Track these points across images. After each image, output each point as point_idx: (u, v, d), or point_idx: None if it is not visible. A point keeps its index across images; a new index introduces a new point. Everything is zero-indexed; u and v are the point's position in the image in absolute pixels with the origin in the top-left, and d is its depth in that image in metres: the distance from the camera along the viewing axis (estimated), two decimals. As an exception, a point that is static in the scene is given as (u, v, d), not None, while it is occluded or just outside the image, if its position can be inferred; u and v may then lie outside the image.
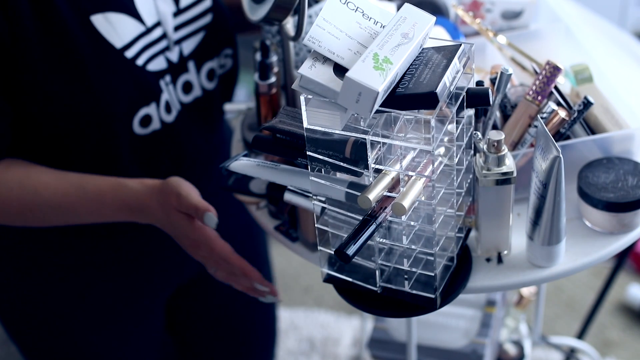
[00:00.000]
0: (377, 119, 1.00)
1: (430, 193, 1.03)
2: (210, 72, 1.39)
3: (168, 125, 1.33)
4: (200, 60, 1.37)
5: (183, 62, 1.35)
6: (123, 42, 1.25)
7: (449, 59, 1.00)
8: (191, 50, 1.35)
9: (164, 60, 1.32)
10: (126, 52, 1.26)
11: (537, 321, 1.73)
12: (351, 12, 1.01)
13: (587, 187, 1.18)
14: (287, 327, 2.34)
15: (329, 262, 1.14)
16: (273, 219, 1.31)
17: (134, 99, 1.28)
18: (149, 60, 1.29)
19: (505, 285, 1.16)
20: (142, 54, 1.28)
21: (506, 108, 1.25)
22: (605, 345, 2.21)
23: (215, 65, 1.40)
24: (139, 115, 1.29)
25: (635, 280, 2.37)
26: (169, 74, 1.33)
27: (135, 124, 1.29)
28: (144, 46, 1.28)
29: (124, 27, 1.25)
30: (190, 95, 1.37)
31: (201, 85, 1.38)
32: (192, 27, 1.35)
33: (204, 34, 1.36)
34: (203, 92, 1.39)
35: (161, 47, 1.31)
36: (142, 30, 1.28)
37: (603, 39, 1.52)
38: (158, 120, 1.32)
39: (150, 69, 1.30)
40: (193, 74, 1.37)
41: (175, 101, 1.35)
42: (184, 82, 1.36)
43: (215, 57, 1.39)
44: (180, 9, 1.32)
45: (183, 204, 1.18)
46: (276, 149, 1.10)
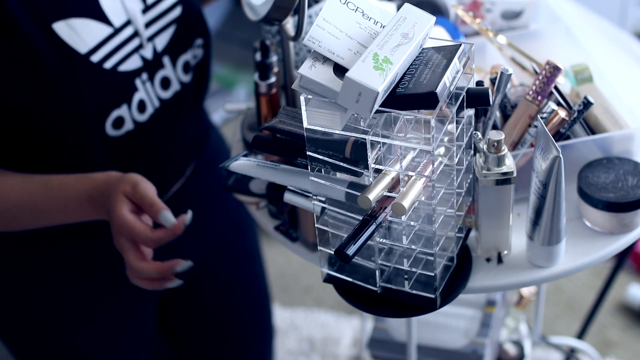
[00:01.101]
0: (377, 119, 1.00)
1: (430, 193, 1.03)
2: (185, 64, 1.38)
3: (141, 124, 1.33)
4: (175, 54, 1.36)
5: (158, 58, 1.34)
6: (88, 47, 1.24)
7: (449, 59, 1.00)
8: (164, 45, 1.34)
9: (139, 59, 1.31)
10: (92, 57, 1.24)
11: (537, 321, 1.73)
12: (351, 12, 1.01)
13: (587, 187, 1.18)
14: (287, 327, 2.34)
15: (329, 262, 1.14)
16: (273, 219, 1.31)
17: (103, 103, 1.27)
18: (121, 61, 1.28)
19: (505, 285, 1.16)
20: (111, 56, 1.27)
21: (506, 108, 1.25)
22: (605, 345, 2.21)
23: (190, 57, 1.39)
24: (110, 118, 1.28)
25: (635, 280, 2.37)
26: (145, 72, 1.32)
27: (107, 126, 1.28)
28: (113, 48, 1.27)
29: (88, 32, 1.24)
30: (170, 90, 1.36)
31: (179, 79, 1.38)
32: (162, 22, 1.34)
33: (175, 27, 1.35)
34: (181, 86, 1.38)
35: (134, 46, 1.30)
36: (110, 32, 1.26)
37: (603, 39, 1.52)
38: (131, 121, 1.31)
39: (122, 69, 1.28)
40: (169, 69, 1.36)
41: (154, 98, 1.34)
42: (162, 78, 1.35)
43: (188, 49, 1.38)
44: (148, 5, 1.31)
45: (138, 193, 1.15)
46: (276, 149, 1.10)
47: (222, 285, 1.61)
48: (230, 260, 1.61)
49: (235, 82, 3.15)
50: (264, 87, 1.30)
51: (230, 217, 1.59)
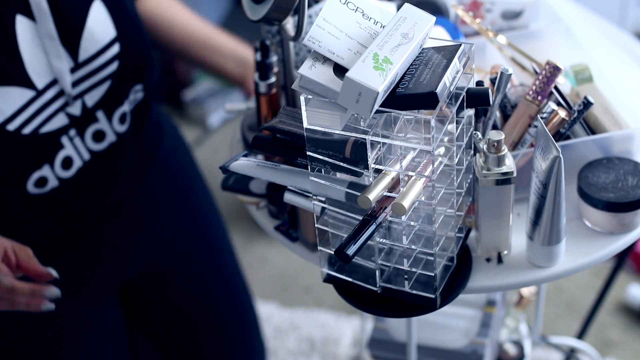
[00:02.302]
0: (377, 119, 1.00)
1: (430, 193, 1.03)
2: (122, 116, 1.36)
3: (67, 180, 1.31)
4: (110, 108, 1.33)
5: (89, 113, 1.31)
6: (5, 116, 1.22)
7: (449, 59, 1.00)
8: (96, 101, 1.31)
9: (64, 117, 1.28)
10: (8, 126, 1.22)
11: (537, 321, 1.73)
12: (351, 12, 1.01)
13: (587, 187, 1.18)
14: (287, 327, 2.34)
15: (329, 262, 1.14)
16: (273, 219, 1.31)
17: (21, 167, 1.26)
18: (43, 123, 1.26)
19: (505, 285, 1.16)
20: (32, 120, 1.25)
21: (506, 108, 1.25)
22: (605, 345, 2.21)
23: (127, 108, 1.36)
24: (32, 179, 1.27)
25: (635, 280, 2.37)
26: (73, 128, 1.30)
27: (29, 186, 1.28)
28: (34, 111, 1.25)
29: (7, 100, 1.21)
30: (104, 142, 1.34)
31: (115, 131, 1.35)
32: (94, 79, 1.30)
33: (110, 82, 1.32)
34: (117, 137, 1.36)
35: (59, 105, 1.27)
36: (32, 95, 1.24)
37: (603, 39, 1.52)
38: (55, 179, 1.30)
39: (45, 130, 1.26)
40: (104, 123, 1.33)
41: (84, 152, 1.32)
42: (95, 132, 1.33)
43: (125, 100, 1.36)
44: (79, 62, 1.28)
45: None
46: (276, 149, 1.10)
47: (189, 280, 1.60)
48: (195, 254, 1.60)
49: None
50: (264, 87, 1.30)
51: (192, 210, 1.59)
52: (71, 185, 1.32)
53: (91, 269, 1.45)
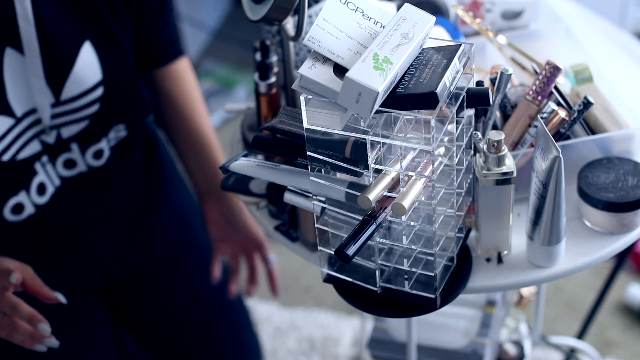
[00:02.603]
0: (377, 119, 1.00)
1: (430, 193, 1.03)
2: (97, 152, 1.36)
3: (43, 207, 1.32)
4: (85, 144, 1.34)
5: (63, 144, 1.32)
6: None
7: (449, 59, 1.00)
8: (72, 135, 1.32)
9: (38, 143, 1.29)
10: None
11: (537, 321, 1.73)
12: (351, 12, 1.01)
13: (587, 187, 1.18)
14: (287, 327, 2.34)
15: (329, 262, 1.14)
16: (273, 219, 1.31)
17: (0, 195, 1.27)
18: (19, 150, 1.27)
19: (505, 285, 1.16)
20: (10, 148, 1.25)
21: (506, 108, 1.25)
22: (605, 345, 2.21)
23: (104, 145, 1.36)
24: (8, 206, 1.28)
25: (635, 280, 2.37)
26: (45, 155, 1.30)
27: (6, 213, 1.28)
28: (13, 139, 1.25)
29: None
30: (74, 170, 1.35)
31: (86, 164, 1.36)
32: (72, 117, 1.31)
33: (88, 122, 1.32)
34: (88, 169, 1.36)
35: (34, 132, 1.28)
36: (12, 123, 1.24)
37: (603, 39, 1.52)
38: (31, 206, 1.31)
39: (20, 157, 1.27)
40: (77, 154, 1.34)
41: (55, 177, 1.33)
42: (65, 160, 1.33)
43: (102, 138, 1.36)
44: (61, 101, 1.28)
45: None
46: (276, 149, 1.10)
47: (173, 281, 1.61)
48: (178, 255, 1.61)
49: (235, 82, 3.15)
50: (264, 87, 1.30)
51: (173, 212, 1.59)
52: (47, 211, 1.33)
53: (69, 273, 1.45)
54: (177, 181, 1.63)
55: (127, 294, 1.58)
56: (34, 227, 1.34)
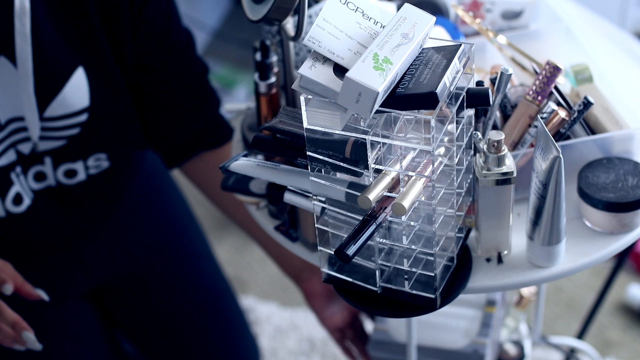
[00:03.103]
0: (377, 119, 1.00)
1: (430, 193, 1.03)
2: (69, 171, 1.35)
3: (17, 215, 1.32)
4: (58, 160, 1.34)
5: (37, 156, 1.31)
6: None
7: (449, 59, 1.00)
8: (48, 149, 1.32)
9: (14, 153, 1.29)
10: None
11: (537, 321, 1.73)
12: (351, 12, 1.01)
13: (587, 187, 1.18)
14: (287, 327, 2.34)
15: (329, 262, 1.14)
16: (273, 219, 1.31)
17: None
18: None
19: (505, 285, 1.16)
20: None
21: (506, 108, 1.25)
22: (605, 345, 2.21)
23: (79, 166, 1.36)
24: None
25: (635, 280, 2.36)
26: (19, 165, 1.30)
27: None
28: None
29: None
30: (43, 183, 1.35)
31: (56, 179, 1.35)
32: (52, 134, 1.30)
33: (65, 142, 1.32)
34: (57, 184, 1.36)
35: (13, 141, 1.28)
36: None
37: (603, 39, 1.52)
38: (3, 210, 1.31)
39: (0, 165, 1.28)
40: (48, 168, 1.33)
41: (27, 189, 1.33)
42: (36, 172, 1.33)
43: (79, 160, 1.35)
44: (44, 117, 1.28)
45: None
46: (276, 149, 1.10)
47: (163, 285, 1.60)
48: (168, 260, 1.60)
49: (235, 82, 3.15)
50: (264, 87, 1.30)
51: (163, 217, 1.58)
52: (21, 220, 1.33)
53: (50, 278, 1.45)
54: (167, 186, 1.61)
55: (117, 298, 1.58)
56: (6, 232, 1.34)
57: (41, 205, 1.35)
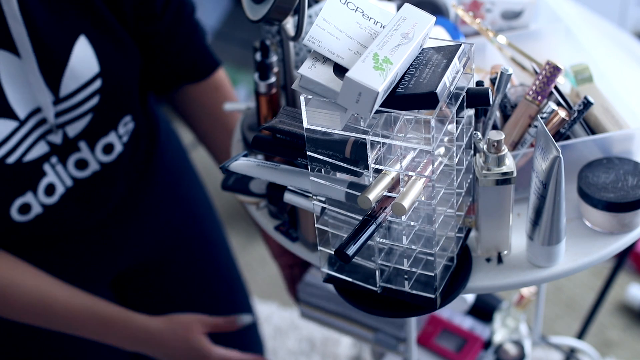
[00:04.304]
0: (377, 119, 1.00)
1: (430, 193, 1.03)
2: (107, 146, 1.36)
3: (50, 207, 1.32)
4: (93, 139, 1.34)
5: (71, 143, 1.31)
6: None
7: (449, 59, 1.00)
8: (78, 132, 1.32)
9: (45, 145, 1.29)
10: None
11: (537, 321, 1.73)
12: (351, 12, 1.01)
13: (587, 187, 1.18)
14: (287, 327, 2.34)
15: (329, 262, 1.14)
16: (273, 219, 1.31)
17: (5, 195, 1.27)
18: (26, 152, 1.27)
19: (505, 285, 1.16)
20: (16, 150, 1.25)
21: (506, 108, 1.25)
22: (605, 345, 2.21)
23: (113, 138, 1.36)
24: (14, 206, 1.28)
25: (635, 280, 2.37)
26: (54, 156, 1.30)
27: (12, 213, 1.29)
28: (18, 141, 1.25)
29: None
30: (87, 170, 1.35)
31: (98, 161, 1.36)
32: (75, 113, 1.30)
33: (92, 116, 1.32)
34: (101, 166, 1.36)
35: (40, 133, 1.28)
36: (15, 126, 1.24)
37: (603, 39, 1.52)
38: (39, 206, 1.31)
39: (28, 159, 1.27)
40: (86, 152, 1.34)
41: (67, 178, 1.33)
42: (77, 160, 1.33)
43: (111, 131, 1.36)
44: (60, 97, 1.28)
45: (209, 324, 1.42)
46: (276, 149, 1.10)
47: (183, 273, 1.61)
48: (189, 248, 1.61)
49: (235, 82, 3.15)
50: (264, 87, 1.30)
51: (186, 205, 1.59)
52: (55, 211, 1.33)
53: (81, 264, 1.45)
54: (187, 173, 1.63)
55: (137, 286, 1.59)
56: (42, 226, 1.34)
57: (76, 193, 1.35)
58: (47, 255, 1.39)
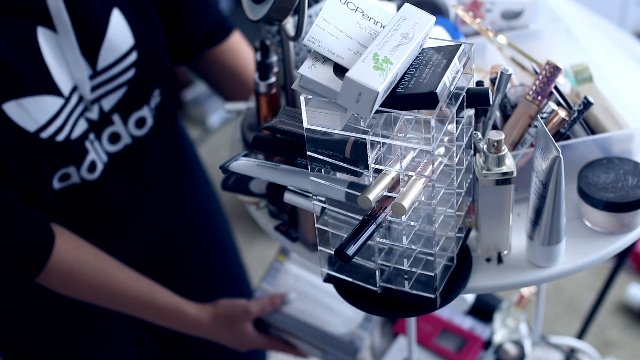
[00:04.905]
0: (377, 119, 1.00)
1: (430, 193, 1.03)
2: (139, 120, 1.38)
3: (89, 181, 1.34)
4: (126, 112, 1.35)
5: (106, 117, 1.33)
6: (38, 125, 1.24)
7: (449, 59, 1.00)
8: (112, 105, 1.33)
9: (85, 122, 1.30)
10: (42, 134, 1.24)
11: (537, 321, 1.73)
12: (351, 12, 1.01)
13: (587, 187, 1.18)
14: (287, 327, 2.34)
15: (329, 262, 1.14)
16: (273, 219, 1.31)
17: (51, 167, 1.28)
18: (72, 130, 1.28)
19: (505, 285, 1.16)
20: (63, 128, 1.27)
21: (506, 108, 1.25)
22: (605, 345, 2.21)
23: (146, 112, 1.38)
24: (57, 176, 1.30)
25: (635, 280, 2.37)
26: (92, 132, 1.32)
27: (54, 182, 1.30)
28: (65, 118, 1.26)
29: (40, 109, 1.23)
30: (119, 144, 1.36)
31: (130, 134, 1.37)
32: (110, 86, 1.32)
33: (127, 89, 1.34)
34: (133, 140, 1.38)
35: (80, 111, 1.29)
36: (62, 103, 1.26)
37: (603, 39, 1.52)
38: (78, 177, 1.32)
39: (74, 136, 1.29)
40: (119, 126, 1.35)
41: (102, 153, 1.34)
42: (110, 134, 1.35)
43: (144, 105, 1.37)
44: (98, 70, 1.29)
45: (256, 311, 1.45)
46: (276, 149, 1.10)
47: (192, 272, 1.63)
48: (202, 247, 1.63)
49: (235, 82, 3.15)
50: (263, 87, 1.30)
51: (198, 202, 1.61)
52: (90, 186, 1.35)
53: None
54: (199, 172, 1.64)
55: None
56: (78, 198, 1.35)
57: (112, 168, 1.36)
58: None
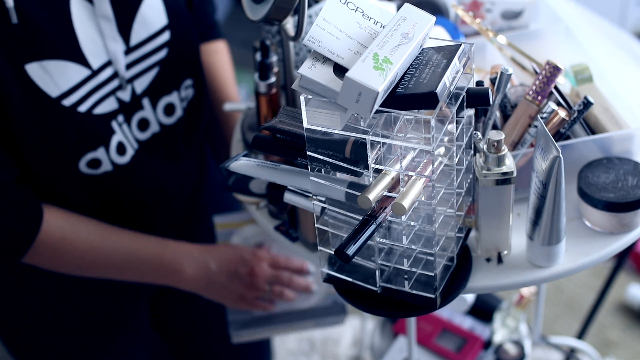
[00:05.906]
0: (377, 119, 1.00)
1: (430, 193, 1.03)
2: (168, 106, 1.37)
3: (121, 166, 1.33)
4: (156, 96, 1.35)
5: (136, 100, 1.33)
6: (61, 90, 1.23)
7: (449, 59, 1.00)
8: (145, 87, 1.33)
9: (115, 101, 1.30)
10: (64, 101, 1.23)
11: (537, 321, 1.73)
12: (351, 12, 1.01)
13: (587, 187, 1.18)
14: (287, 327, 2.34)
15: (329, 262, 1.14)
16: (273, 219, 1.31)
17: (76, 145, 1.27)
18: (96, 104, 1.27)
19: (505, 285, 1.16)
20: (87, 99, 1.26)
21: (506, 108, 1.25)
22: (605, 345, 2.22)
23: (175, 99, 1.38)
24: (84, 160, 1.28)
25: (635, 280, 2.37)
26: (121, 114, 1.31)
27: (81, 166, 1.29)
28: (89, 90, 1.26)
29: (63, 75, 1.22)
30: (147, 131, 1.36)
31: (158, 121, 1.37)
32: (145, 64, 1.32)
33: (158, 69, 1.34)
34: (161, 128, 1.38)
35: (111, 88, 1.29)
36: (87, 74, 1.25)
37: (603, 39, 1.52)
38: (109, 163, 1.31)
39: (97, 112, 1.28)
40: (149, 111, 1.35)
41: (132, 139, 1.34)
42: (139, 120, 1.34)
43: (174, 91, 1.37)
44: (131, 46, 1.29)
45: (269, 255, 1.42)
46: (276, 149, 1.10)
47: None
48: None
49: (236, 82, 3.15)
50: (263, 87, 1.30)
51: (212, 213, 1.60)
52: (122, 172, 1.34)
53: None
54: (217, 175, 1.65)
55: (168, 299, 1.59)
56: (109, 184, 1.34)
57: (144, 156, 1.36)
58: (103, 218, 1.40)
